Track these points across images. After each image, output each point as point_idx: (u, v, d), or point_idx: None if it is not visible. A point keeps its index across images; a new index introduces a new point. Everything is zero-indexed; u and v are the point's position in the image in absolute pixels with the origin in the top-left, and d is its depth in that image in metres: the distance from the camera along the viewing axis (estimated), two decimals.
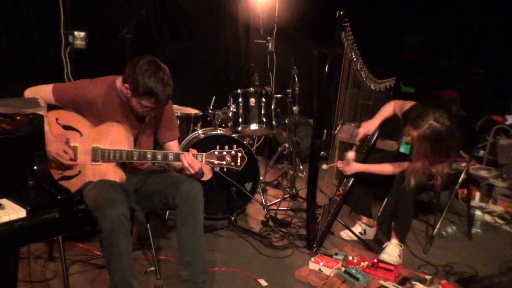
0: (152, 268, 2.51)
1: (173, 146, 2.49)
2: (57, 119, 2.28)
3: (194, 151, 2.21)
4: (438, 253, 3.04)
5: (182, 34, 4.77)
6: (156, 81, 2.10)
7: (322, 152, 5.05)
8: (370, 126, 3.05)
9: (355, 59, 2.85)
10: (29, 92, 2.30)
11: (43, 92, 2.29)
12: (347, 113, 3.01)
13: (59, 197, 1.59)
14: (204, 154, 2.19)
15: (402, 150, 2.88)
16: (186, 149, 3.24)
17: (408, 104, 2.87)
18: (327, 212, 2.99)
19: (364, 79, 3.01)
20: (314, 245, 2.89)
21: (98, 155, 2.22)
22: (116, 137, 2.23)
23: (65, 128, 2.27)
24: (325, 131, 5.20)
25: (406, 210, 2.75)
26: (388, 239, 2.84)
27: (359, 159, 3.03)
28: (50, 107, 2.33)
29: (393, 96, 3.44)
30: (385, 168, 2.92)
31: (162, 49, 4.55)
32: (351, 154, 3.00)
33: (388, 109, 3.04)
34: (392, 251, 2.75)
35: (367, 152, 3.07)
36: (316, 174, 2.86)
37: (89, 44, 3.88)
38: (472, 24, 5.19)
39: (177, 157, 2.21)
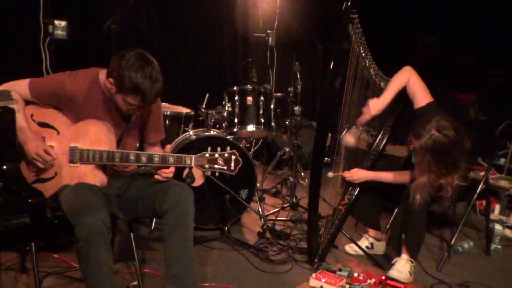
0: (136, 283, 2.48)
1: (157, 149, 2.49)
2: (32, 115, 2.26)
3: (169, 147, 2.22)
4: (453, 271, 3.02)
5: (174, 25, 4.76)
6: (143, 76, 2.08)
7: (326, 158, 5.06)
8: (378, 105, 2.85)
9: (363, 55, 2.83)
10: (3, 87, 2.28)
11: (18, 87, 2.27)
12: (354, 115, 2.99)
13: (30, 200, 1.56)
14: (193, 156, 2.17)
15: (413, 160, 2.84)
16: (175, 152, 3.23)
17: (423, 97, 2.81)
18: (331, 223, 2.97)
19: (373, 77, 2.99)
20: (316, 260, 2.86)
21: (76, 156, 2.20)
22: (96, 136, 2.21)
23: (40, 125, 2.25)
24: (329, 134, 5.20)
25: (418, 223, 2.72)
26: (398, 255, 2.81)
27: (366, 165, 3.01)
28: (26, 103, 2.31)
29: (403, 106, 3.39)
30: (398, 177, 2.90)
31: (151, 42, 4.54)
32: (330, 174, 2.95)
33: (402, 78, 2.83)
34: (402, 267, 2.73)
35: (376, 158, 3.04)
36: (318, 181, 2.83)
37: (71, 35, 3.88)
38: (492, 22, 5.19)
39: (163, 159, 2.18)
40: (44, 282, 2.35)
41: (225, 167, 2.16)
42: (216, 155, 2.16)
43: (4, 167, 1.63)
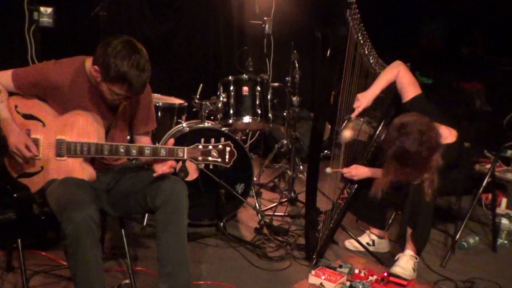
0: (127, 281, 2.48)
1: (146, 140, 2.48)
2: (16, 107, 2.25)
3: (172, 141, 2.20)
4: (458, 267, 3.03)
5: (166, 12, 4.73)
6: (130, 65, 2.06)
7: (325, 151, 5.06)
8: (367, 98, 2.90)
9: (362, 42, 2.83)
10: None
11: (1, 78, 2.26)
12: (352, 106, 2.98)
13: (15, 195, 1.55)
14: (186, 148, 2.16)
15: None
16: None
17: (411, 91, 2.81)
18: (329, 218, 2.97)
19: (373, 65, 2.98)
20: (314, 256, 2.87)
21: (63, 149, 2.18)
22: (84, 128, 2.20)
23: (25, 117, 2.23)
24: (329, 126, 5.20)
25: (427, 218, 2.73)
26: (401, 251, 2.82)
27: (366, 158, 3.01)
28: (9, 95, 2.29)
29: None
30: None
31: (142, 29, 4.51)
32: (328, 170, 2.95)
33: (391, 73, 2.89)
34: (405, 263, 2.73)
35: (376, 150, 3.03)
36: (316, 174, 2.84)
37: (57, 22, 3.85)
38: (498, 8, 5.18)
39: (154, 152, 2.18)
40: (32, 281, 2.34)
41: (219, 159, 2.16)
42: (210, 147, 2.15)
43: None
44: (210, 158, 2.16)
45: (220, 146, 2.15)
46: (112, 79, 2.09)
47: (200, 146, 2.16)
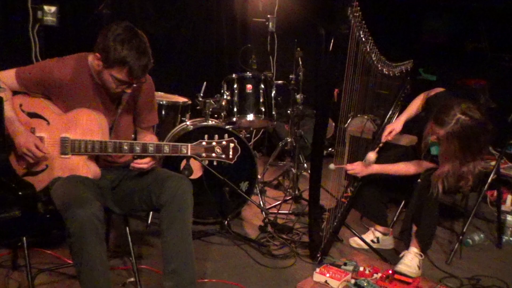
0: (132, 279, 2.49)
1: (149, 135, 2.48)
2: (20, 105, 2.26)
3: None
4: (463, 264, 3.02)
5: (169, 9, 4.73)
6: (129, 48, 2.07)
7: (329, 149, 5.06)
8: (396, 125, 3.00)
9: (363, 39, 2.82)
10: None
11: (4, 77, 2.27)
12: (356, 104, 2.98)
13: (20, 193, 1.55)
14: (189, 145, 2.16)
15: (434, 152, 2.82)
16: (172, 141, 3.22)
17: (434, 91, 2.83)
18: (333, 216, 2.97)
19: (375, 62, 2.98)
20: (318, 254, 2.87)
21: (68, 147, 2.19)
22: (88, 125, 2.21)
23: (29, 116, 2.24)
24: (333, 124, 5.19)
25: (432, 215, 2.72)
26: (407, 248, 2.81)
27: None
28: (14, 93, 2.30)
29: (411, 83, 3.40)
30: (405, 168, 2.89)
31: (145, 27, 4.50)
32: (372, 156, 2.92)
33: (416, 103, 3.00)
34: (410, 261, 2.73)
35: (380, 147, 3.03)
36: (319, 171, 2.84)
37: (61, 21, 3.84)
38: (503, 3, 5.16)
39: (158, 149, 2.18)
40: (37, 279, 2.38)
41: (223, 156, 2.15)
42: (214, 143, 2.15)
43: None
44: (213, 155, 2.15)
45: (224, 142, 2.15)
46: (112, 63, 2.09)
47: (204, 143, 2.16)
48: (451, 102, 2.59)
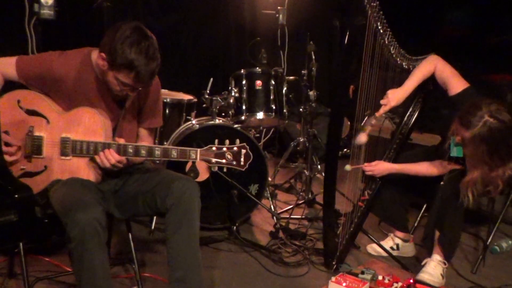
0: None
1: (146, 137, 2.48)
2: (18, 102, 2.26)
3: (121, 140, 2.19)
4: (490, 273, 3.00)
5: (172, 2, 4.75)
6: (138, 51, 2.07)
7: (345, 149, 5.04)
8: (398, 96, 2.83)
9: (381, 31, 2.80)
10: None
11: (4, 65, 2.28)
12: (374, 101, 2.96)
13: (17, 195, 1.56)
14: (199, 150, 2.16)
15: (454, 154, 2.80)
16: (177, 143, 3.23)
17: (457, 83, 2.78)
18: (350, 221, 2.96)
19: (394, 55, 2.96)
20: (333, 262, 2.86)
21: (68, 148, 2.20)
22: (90, 125, 2.21)
23: (28, 113, 2.25)
24: (348, 123, 5.18)
25: (456, 220, 2.70)
26: (429, 256, 2.79)
27: (388, 156, 2.99)
28: (12, 86, 2.31)
29: (432, 78, 3.37)
30: (427, 169, 2.87)
31: (148, 22, 4.52)
32: (348, 167, 2.87)
33: (427, 68, 2.83)
34: (433, 269, 2.71)
35: (400, 146, 3.01)
36: (334, 174, 2.83)
37: (59, 14, 3.86)
38: None
39: (165, 153, 2.18)
40: None
41: (234, 162, 2.15)
42: (224, 149, 2.15)
43: None
44: (224, 161, 2.16)
45: (235, 148, 2.15)
46: (118, 66, 2.09)
47: (214, 148, 2.16)
48: (479, 102, 2.54)
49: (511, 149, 2.55)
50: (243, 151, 2.15)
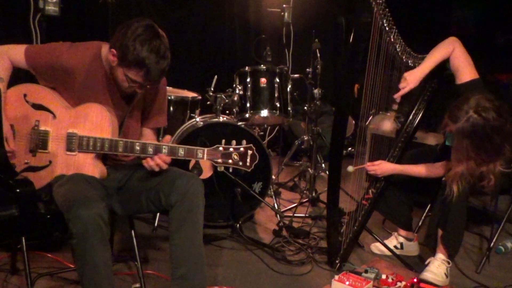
0: (137, 285, 2.50)
1: (151, 137, 2.49)
2: (25, 96, 2.27)
3: (168, 138, 2.21)
4: (495, 273, 2.99)
5: (178, 0, 4.75)
6: (150, 50, 2.07)
7: (349, 148, 5.03)
8: (416, 76, 2.80)
9: (387, 29, 2.79)
10: None
11: (13, 51, 2.28)
12: (379, 100, 2.95)
13: (18, 190, 1.56)
14: (206, 149, 2.17)
15: (448, 142, 2.81)
16: (181, 140, 3.23)
17: (468, 73, 2.75)
18: (353, 220, 2.96)
19: (400, 53, 2.95)
20: (337, 261, 2.86)
21: (74, 143, 2.20)
22: (98, 122, 2.21)
23: (34, 108, 2.25)
24: (353, 122, 5.17)
25: (458, 218, 2.69)
26: (433, 255, 2.79)
27: (393, 155, 2.98)
28: (19, 78, 2.32)
29: (438, 77, 3.36)
30: (430, 170, 2.86)
31: (153, 18, 4.52)
32: (350, 168, 2.94)
33: (445, 49, 2.78)
34: (437, 269, 2.70)
35: (404, 146, 3.00)
36: (338, 172, 2.83)
37: (64, 10, 3.87)
38: None
39: (172, 151, 2.18)
40: (37, 284, 2.38)
41: (240, 163, 2.16)
42: (231, 149, 2.16)
43: None
44: (230, 161, 2.16)
45: (242, 149, 2.16)
46: (129, 63, 2.10)
47: (221, 148, 2.16)
48: (469, 96, 2.54)
49: (497, 146, 2.54)
50: (250, 152, 2.16)
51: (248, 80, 3.61)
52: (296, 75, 3.94)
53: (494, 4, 5.57)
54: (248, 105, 3.60)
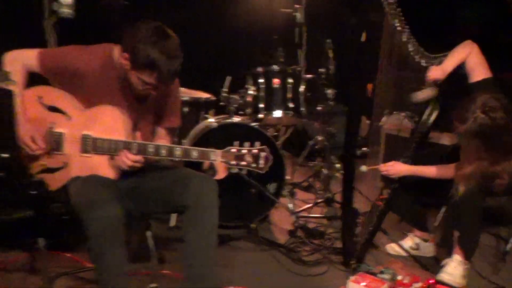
0: (154, 285, 2.50)
1: (164, 137, 2.48)
2: (40, 98, 2.29)
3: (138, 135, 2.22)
4: None
5: (193, 1, 4.76)
6: (160, 51, 2.08)
7: (363, 148, 5.01)
8: (443, 69, 2.82)
9: (399, 28, 2.78)
10: (9, 56, 2.31)
11: (26, 57, 2.31)
12: (391, 100, 2.94)
13: (32, 192, 1.57)
14: (219, 151, 2.17)
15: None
16: (195, 141, 3.25)
17: (481, 72, 2.75)
18: (368, 220, 2.95)
19: (412, 53, 2.93)
20: (352, 261, 2.85)
21: (89, 145, 2.22)
22: (112, 123, 2.23)
23: (50, 110, 2.28)
24: (367, 122, 5.14)
25: (473, 218, 2.67)
26: (449, 256, 2.77)
27: (407, 155, 2.97)
28: (34, 81, 2.34)
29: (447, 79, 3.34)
30: (443, 171, 2.85)
31: (167, 19, 4.53)
32: (364, 168, 2.95)
33: (464, 51, 2.82)
34: (454, 270, 2.69)
35: (418, 146, 2.98)
36: (352, 172, 2.83)
37: (78, 13, 3.89)
38: None
39: (186, 153, 2.19)
40: (55, 284, 2.41)
41: (254, 165, 2.16)
42: (244, 151, 2.16)
43: (3, 155, 1.63)
44: (243, 163, 2.16)
45: (255, 151, 2.15)
46: (141, 66, 2.11)
47: (234, 150, 2.16)
48: (477, 96, 2.54)
49: (508, 145, 2.53)
50: (263, 153, 2.15)
51: (261, 80, 3.61)
52: (309, 75, 3.93)
53: (500, 3, 5.52)
54: (261, 105, 3.60)
